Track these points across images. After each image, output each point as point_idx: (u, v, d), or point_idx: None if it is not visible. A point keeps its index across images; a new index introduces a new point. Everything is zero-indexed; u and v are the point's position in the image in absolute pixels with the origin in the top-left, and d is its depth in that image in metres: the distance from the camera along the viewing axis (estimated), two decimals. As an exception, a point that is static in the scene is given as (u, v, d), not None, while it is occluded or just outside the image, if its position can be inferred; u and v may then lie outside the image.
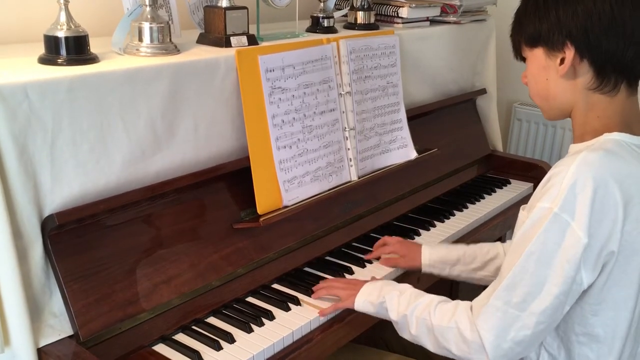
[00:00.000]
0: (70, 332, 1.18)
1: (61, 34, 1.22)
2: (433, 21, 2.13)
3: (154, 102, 1.30)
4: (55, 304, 1.18)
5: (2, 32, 1.49)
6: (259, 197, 1.46)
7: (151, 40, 1.37)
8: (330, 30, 1.83)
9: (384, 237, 1.66)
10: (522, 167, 2.29)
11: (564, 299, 1.06)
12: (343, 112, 1.68)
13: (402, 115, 1.88)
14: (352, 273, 1.56)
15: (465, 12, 2.17)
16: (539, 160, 2.37)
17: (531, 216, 1.08)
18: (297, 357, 1.30)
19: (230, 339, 1.28)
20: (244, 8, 1.52)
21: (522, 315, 1.07)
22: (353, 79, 1.70)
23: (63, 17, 1.22)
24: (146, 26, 1.36)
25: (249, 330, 1.31)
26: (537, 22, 1.14)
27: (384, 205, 1.85)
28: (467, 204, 2.00)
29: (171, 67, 1.32)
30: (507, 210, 2.05)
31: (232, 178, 1.47)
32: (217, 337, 1.28)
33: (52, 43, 1.22)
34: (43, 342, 1.15)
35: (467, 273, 1.50)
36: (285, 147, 1.52)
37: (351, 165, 1.70)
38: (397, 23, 2.01)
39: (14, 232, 1.11)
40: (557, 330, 1.15)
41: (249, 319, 1.34)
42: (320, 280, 1.49)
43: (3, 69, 1.16)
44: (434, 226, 1.84)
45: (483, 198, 2.08)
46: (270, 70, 1.48)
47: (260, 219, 1.45)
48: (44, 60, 1.23)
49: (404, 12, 1.99)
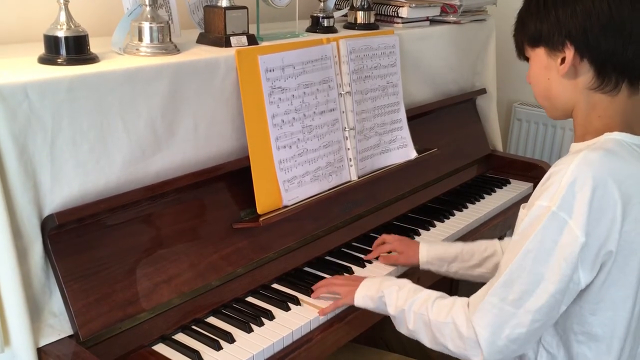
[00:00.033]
0: (70, 331, 1.18)
1: (61, 33, 1.22)
2: (433, 21, 2.13)
3: (154, 101, 1.31)
4: (55, 304, 1.18)
5: (2, 32, 1.49)
6: (258, 197, 1.46)
7: (151, 40, 1.37)
8: (330, 30, 1.83)
9: (383, 235, 1.66)
10: (522, 167, 2.29)
11: (560, 298, 1.06)
12: (343, 112, 1.68)
13: (402, 115, 1.88)
14: (352, 273, 1.56)
15: (465, 12, 2.17)
16: (539, 160, 2.37)
17: (529, 214, 1.08)
18: (297, 357, 1.30)
19: (230, 339, 1.28)
20: (244, 8, 1.52)
21: (518, 313, 1.07)
22: (353, 79, 1.70)
23: (63, 17, 1.22)
24: (146, 26, 1.36)
25: (249, 330, 1.31)
26: (538, 23, 1.15)
27: (384, 205, 1.85)
28: (467, 204, 2.01)
29: (171, 67, 1.32)
30: (507, 210, 2.06)
31: (232, 178, 1.47)
32: (217, 337, 1.28)
33: (52, 43, 1.22)
34: (43, 342, 1.15)
35: (464, 270, 1.50)
36: (285, 147, 1.52)
37: (351, 165, 1.70)
38: (397, 23, 2.01)
39: (14, 232, 1.11)
40: (556, 328, 1.16)
41: (249, 319, 1.34)
42: (320, 280, 1.49)
43: (3, 69, 1.16)
44: (433, 226, 1.84)
45: (483, 198, 2.08)
46: (270, 70, 1.48)
47: (260, 219, 1.45)
48: (43, 60, 1.23)
49: (403, 12, 1.99)
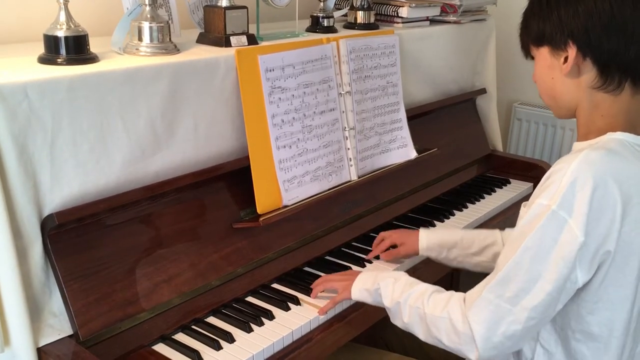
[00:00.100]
0: (70, 331, 1.18)
1: (61, 33, 1.22)
2: (433, 21, 2.13)
3: (153, 101, 1.31)
4: (55, 304, 1.18)
5: (2, 32, 1.49)
6: (258, 196, 1.46)
7: (151, 39, 1.37)
8: (330, 30, 1.83)
9: (381, 233, 1.65)
10: (522, 167, 2.29)
11: (557, 296, 1.06)
12: (343, 112, 1.68)
13: (402, 115, 1.88)
14: (351, 273, 1.56)
15: (465, 12, 2.17)
16: (539, 160, 2.37)
17: (529, 212, 1.08)
18: (297, 356, 1.30)
19: (230, 339, 1.28)
20: (244, 7, 1.52)
21: (514, 310, 1.07)
22: (353, 79, 1.70)
23: (63, 17, 1.22)
24: (146, 26, 1.36)
25: (249, 330, 1.31)
26: (541, 22, 1.16)
27: (384, 205, 1.85)
28: (467, 204, 2.00)
29: (171, 66, 1.32)
30: (507, 210, 2.06)
31: (232, 178, 1.47)
32: (217, 336, 1.28)
33: (51, 42, 1.22)
34: (43, 342, 1.15)
35: (463, 257, 1.50)
36: (285, 146, 1.52)
37: (351, 165, 1.70)
38: (397, 23, 2.01)
39: (14, 231, 1.11)
40: (554, 326, 1.16)
41: (249, 319, 1.34)
42: (320, 280, 1.49)
43: (3, 69, 1.16)
44: (433, 226, 1.84)
45: (483, 198, 2.08)
46: (270, 70, 1.48)
47: (260, 219, 1.45)
48: (43, 60, 1.23)
49: (403, 12, 1.99)
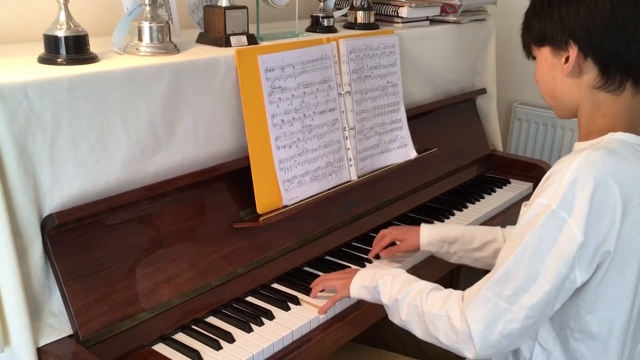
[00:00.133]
0: (69, 331, 1.18)
1: (61, 33, 1.22)
2: (433, 21, 2.13)
3: (153, 101, 1.31)
4: (55, 304, 1.18)
5: (2, 32, 1.49)
6: (258, 196, 1.46)
7: (151, 39, 1.37)
8: (330, 29, 1.83)
9: (381, 231, 1.65)
10: (522, 167, 2.29)
11: (555, 296, 1.06)
12: (343, 112, 1.68)
13: (402, 115, 1.88)
14: (351, 273, 1.56)
15: (465, 12, 2.17)
16: (539, 160, 2.37)
17: (529, 212, 1.09)
18: (297, 356, 1.30)
19: (230, 339, 1.28)
20: (244, 7, 1.52)
21: (512, 309, 1.07)
22: (353, 79, 1.71)
23: (63, 17, 1.22)
24: (146, 26, 1.36)
25: (249, 330, 1.31)
26: (542, 22, 1.16)
27: (384, 205, 1.85)
28: (467, 204, 2.01)
29: (171, 66, 1.32)
30: (507, 210, 2.05)
31: (232, 178, 1.47)
32: (217, 336, 1.28)
33: (51, 42, 1.22)
34: (43, 342, 1.15)
35: (464, 252, 1.50)
36: (285, 146, 1.52)
37: (351, 165, 1.70)
38: (397, 23, 2.01)
39: (14, 231, 1.11)
40: (553, 324, 1.16)
41: (249, 319, 1.34)
42: (320, 280, 1.49)
43: (3, 69, 1.16)
44: (433, 226, 1.84)
45: (483, 198, 2.08)
46: (270, 70, 1.48)
47: (260, 219, 1.45)
48: (43, 60, 1.23)
49: (403, 12, 1.99)
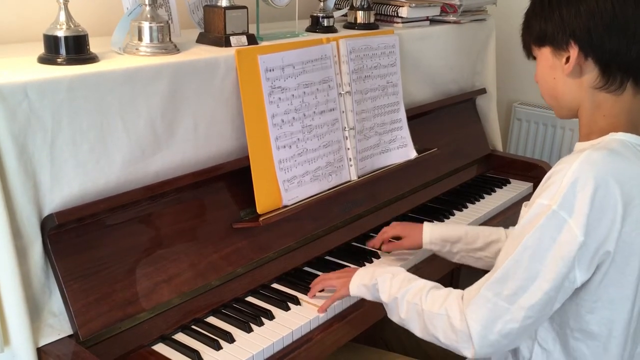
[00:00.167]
0: (69, 331, 1.18)
1: (61, 33, 1.22)
2: (433, 21, 2.13)
3: (153, 101, 1.30)
4: (55, 304, 1.18)
5: (2, 32, 1.49)
6: (258, 196, 1.46)
7: (151, 39, 1.37)
8: (330, 29, 1.83)
9: (384, 228, 1.64)
10: (522, 167, 2.29)
11: (555, 295, 1.06)
12: (343, 112, 1.68)
13: (402, 115, 1.88)
14: (351, 273, 1.56)
15: (465, 12, 2.17)
16: (539, 160, 2.37)
17: (530, 212, 1.09)
18: (297, 356, 1.30)
19: (230, 339, 1.28)
20: (244, 7, 1.52)
21: (511, 309, 1.07)
22: (353, 79, 1.70)
23: (62, 17, 1.22)
24: (146, 26, 1.36)
25: (249, 330, 1.31)
26: (543, 22, 1.16)
27: (384, 205, 1.85)
28: (467, 204, 2.01)
29: (171, 66, 1.32)
30: (506, 210, 2.06)
31: (232, 178, 1.47)
32: (217, 336, 1.28)
33: (51, 42, 1.22)
34: (43, 342, 1.15)
35: (467, 252, 1.50)
36: (284, 146, 1.52)
37: (351, 165, 1.70)
38: (397, 23, 2.01)
39: (14, 231, 1.11)
40: (552, 324, 1.16)
41: (249, 319, 1.34)
42: (319, 280, 1.49)
43: (3, 69, 1.16)
44: (433, 226, 1.84)
45: (483, 198, 2.08)
46: (270, 70, 1.48)
47: (260, 219, 1.45)
48: (43, 60, 1.23)
49: (403, 12, 1.99)
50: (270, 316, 1.36)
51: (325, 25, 1.82)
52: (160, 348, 1.26)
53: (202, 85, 1.39)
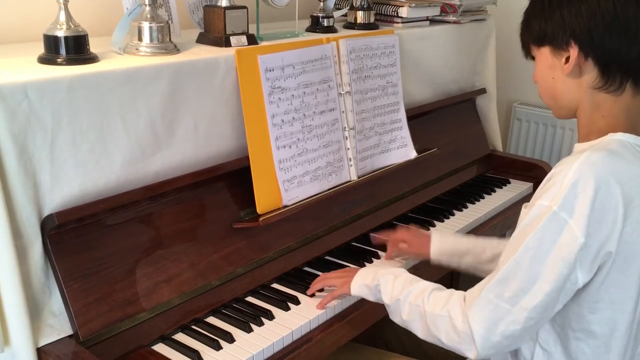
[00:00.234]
0: (69, 331, 1.18)
1: (61, 33, 1.22)
2: (433, 21, 2.13)
3: (153, 101, 1.30)
4: (55, 304, 1.18)
5: (2, 32, 1.49)
6: (258, 196, 1.46)
7: (151, 39, 1.37)
8: (330, 29, 1.83)
9: (390, 233, 1.64)
10: (522, 167, 2.29)
11: (556, 297, 1.06)
12: (343, 112, 1.68)
13: (402, 115, 1.88)
14: (351, 273, 1.56)
15: (465, 12, 2.17)
16: (539, 160, 2.37)
17: (530, 213, 1.08)
18: (297, 356, 1.30)
19: (230, 339, 1.28)
20: (244, 7, 1.52)
21: (513, 310, 1.07)
22: (353, 79, 1.70)
23: (62, 17, 1.22)
24: (146, 26, 1.36)
25: (249, 330, 1.31)
26: (543, 22, 1.15)
27: (384, 205, 1.85)
28: (467, 204, 2.00)
29: (171, 66, 1.32)
30: (506, 210, 2.06)
31: (232, 178, 1.47)
32: (217, 336, 1.28)
33: (51, 42, 1.22)
34: (43, 342, 1.15)
35: (475, 264, 1.49)
36: (284, 146, 1.52)
37: (351, 165, 1.70)
38: (397, 23, 2.01)
39: (14, 231, 1.11)
40: (554, 325, 1.16)
41: (249, 319, 1.34)
42: (319, 280, 1.49)
43: (3, 69, 1.16)
44: (433, 226, 1.84)
45: (483, 198, 2.08)
46: (270, 70, 1.48)
47: (260, 219, 1.45)
48: (43, 60, 1.23)
49: (403, 12, 1.99)
50: (270, 316, 1.36)
51: (325, 25, 1.82)
52: (160, 348, 1.26)
53: (202, 85, 1.39)
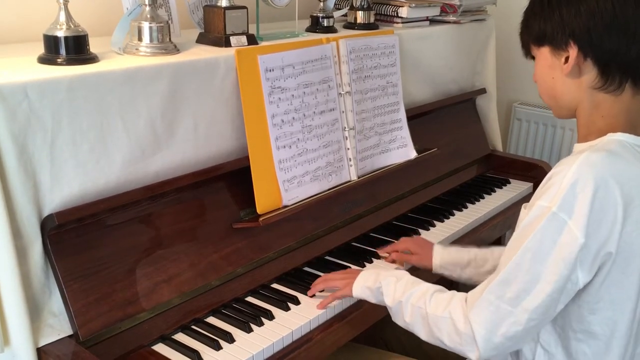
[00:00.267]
0: (69, 331, 1.18)
1: (61, 33, 1.22)
2: (433, 21, 2.13)
3: (153, 101, 1.30)
4: (55, 304, 1.18)
5: (2, 32, 1.49)
6: (258, 196, 1.46)
7: (151, 39, 1.37)
8: (330, 29, 1.83)
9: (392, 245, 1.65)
10: (522, 167, 2.29)
11: (557, 297, 1.06)
12: (343, 112, 1.68)
13: (402, 115, 1.88)
14: (351, 273, 1.56)
15: (465, 12, 2.17)
16: (539, 160, 2.37)
17: (530, 214, 1.08)
18: (297, 356, 1.30)
19: (230, 339, 1.28)
20: (244, 8, 1.52)
21: (515, 311, 1.07)
22: (353, 79, 1.70)
23: (62, 17, 1.22)
24: (146, 26, 1.36)
25: (249, 330, 1.31)
26: (542, 22, 1.15)
27: (384, 205, 1.85)
28: (467, 204, 2.00)
29: (171, 66, 1.32)
30: (506, 210, 2.06)
31: (232, 178, 1.47)
32: (217, 336, 1.28)
33: (51, 43, 1.22)
34: (43, 342, 1.15)
35: (478, 276, 1.48)
36: (284, 146, 1.52)
37: (351, 165, 1.70)
38: (397, 23, 2.01)
39: (14, 231, 1.11)
40: (555, 326, 1.16)
41: (249, 319, 1.34)
42: (319, 280, 1.49)
43: (3, 69, 1.16)
44: (433, 226, 1.84)
45: (483, 198, 2.08)
46: (270, 70, 1.48)
47: (260, 219, 1.45)
48: (43, 60, 1.23)
49: (403, 12, 1.99)
50: (270, 316, 1.36)
51: (325, 25, 1.82)
52: (160, 348, 1.26)
53: (202, 85, 1.39)
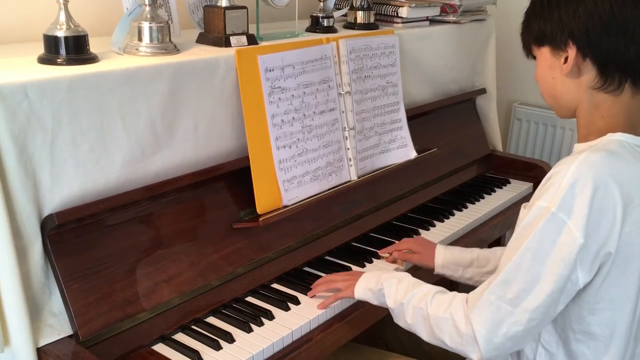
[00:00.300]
0: (69, 331, 1.18)
1: (61, 33, 1.22)
2: (433, 21, 2.13)
3: (153, 101, 1.31)
4: (55, 304, 1.18)
5: (2, 32, 1.49)
6: (258, 196, 1.46)
7: (151, 39, 1.37)
8: (330, 29, 1.83)
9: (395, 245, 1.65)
10: (521, 167, 2.29)
11: (557, 297, 1.06)
12: (343, 112, 1.68)
13: (402, 115, 1.88)
14: (351, 273, 1.56)
15: (465, 12, 2.17)
16: (539, 160, 2.37)
17: (529, 214, 1.09)
18: (297, 356, 1.30)
19: (230, 339, 1.28)
20: (244, 8, 1.52)
21: (515, 312, 1.08)
22: (353, 79, 1.71)
23: (62, 17, 1.22)
24: (146, 26, 1.36)
25: (249, 330, 1.31)
26: (542, 22, 1.16)
27: (384, 205, 1.85)
28: (467, 204, 2.01)
29: (171, 66, 1.32)
30: (506, 210, 2.06)
31: (232, 178, 1.47)
32: (217, 336, 1.28)
33: (51, 43, 1.22)
34: (43, 342, 1.15)
35: (479, 276, 1.49)
36: (284, 146, 1.52)
37: (351, 165, 1.70)
38: (397, 23, 2.01)
39: (14, 231, 1.11)
40: (555, 327, 1.16)
41: (249, 319, 1.34)
42: (319, 280, 1.49)
43: (3, 69, 1.16)
44: (433, 226, 1.84)
45: (483, 198, 2.08)
46: (270, 70, 1.48)
47: (260, 219, 1.45)
48: (43, 60, 1.23)
49: (403, 12, 1.99)
50: (270, 316, 1.36)
51: (325, 25, 1.82)
52: (160, 348, 1.26)
53: (202, 85, 1.39)
